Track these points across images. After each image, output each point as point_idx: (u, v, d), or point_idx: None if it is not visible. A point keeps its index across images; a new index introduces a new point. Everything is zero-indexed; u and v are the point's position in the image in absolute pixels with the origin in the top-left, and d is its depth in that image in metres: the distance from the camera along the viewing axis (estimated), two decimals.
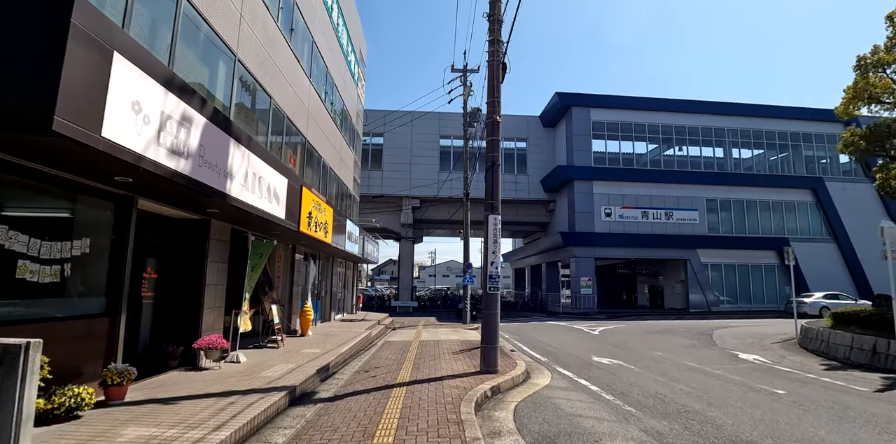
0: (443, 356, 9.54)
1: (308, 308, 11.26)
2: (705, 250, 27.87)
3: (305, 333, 11.26)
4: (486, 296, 7.94)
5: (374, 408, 5.43)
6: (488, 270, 7.91)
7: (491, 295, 7.91)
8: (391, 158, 31.11)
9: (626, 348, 11.82)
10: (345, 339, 11.12)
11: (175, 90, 4.62)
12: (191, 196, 5.55)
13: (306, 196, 9.15)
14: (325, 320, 15.84)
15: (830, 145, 30.98)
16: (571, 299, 27.53)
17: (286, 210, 8.01)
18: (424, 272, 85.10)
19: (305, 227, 9.11)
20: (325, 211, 10.70)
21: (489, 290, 7.89)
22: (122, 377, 4.81)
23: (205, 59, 6.84)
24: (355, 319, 17.60)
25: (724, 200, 29.11)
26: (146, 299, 6.82)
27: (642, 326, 18.20)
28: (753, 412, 5.83)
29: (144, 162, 4.13)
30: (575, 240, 26.92)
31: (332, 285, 16.12)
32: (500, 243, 8.11)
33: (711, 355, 10.81)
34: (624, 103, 29.00)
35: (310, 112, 12.26)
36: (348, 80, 18.27)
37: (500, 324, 8.00)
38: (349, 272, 20.30)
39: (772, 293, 28.61)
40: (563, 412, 5.78)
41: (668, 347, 12.06)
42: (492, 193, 8.12)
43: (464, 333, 14.95)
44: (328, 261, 16.03)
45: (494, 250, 7.97)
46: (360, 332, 12.74)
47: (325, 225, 10.66)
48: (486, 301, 7.94)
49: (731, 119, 30.01)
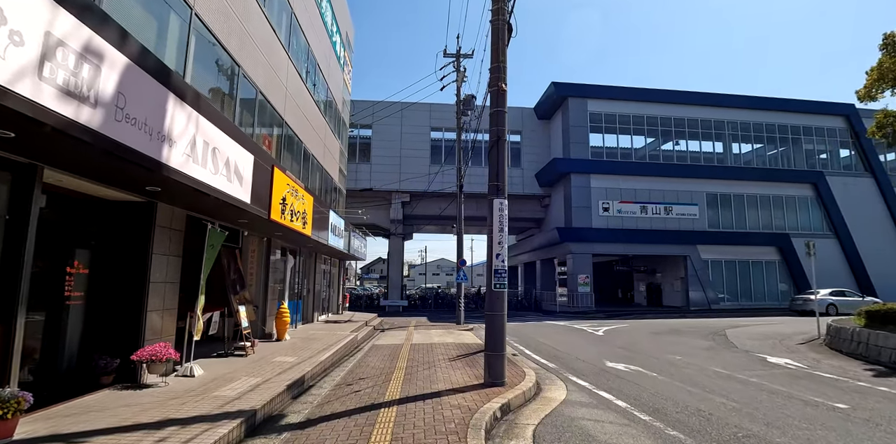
0: (438, 364, 8.31)
1: (284, 309, 9.96)
2: (705, 246, 26.96)
3: (282, 337, 9.96)
4: (491, 295, 6.72)
5: (356, 440, 4.19)
6: (493, 263, 6.69)
7: (496, 293, 6.68)
8: (380, 151, 29.77)
9: (639, 351, 10.69)
10: (326, 344, 9.83)
11: (73, 8, 3.31)
12: (112, 165, 4.25)
13: (279, 179, 7.85)
14: (308, 322, 14.53)
15: (831, 139, 30.32)
16: (568, 298, 26.47)
17: (252, 193, 6.72)
18: (415, 271, 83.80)
19: (278, 215, 7.81)
20: (303, 199, 9.41)
21: (494, 287, 6.66)
22: (6, 408, 3.50)
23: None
24: (341, 320, 16.29)
25: (724, 195, 28.22)
26: (73, 300, 5.48)
27: (647, 325, 17.14)
28: (829, 437, 4.69)
29: (11, 100, 2.83)
30: (572, 236, 25.83)
31: (315, 284, 14.81)
32: (507, 233, 6.89)
33: (736, 358, 9.71)
34: (622, 94, 27.95)
35: (288, 90, 10.94)
36: (333, 63, 16.93)
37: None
38: (335, 270, 18.97)
39: (772, 290, 27.80)
40: (596, 440, 4.58)
41: (685, 349, 10.96)
42: (497, 173, 6.90)
43: (458, 334, 13.73)
44: (310, 257, 14.72)
45: (500, 240, 6.75)
46: (344, 335, 11.46)
47: (303, 215, 9.36)
48: (491, 301, 6.72)
49: (731, 111, 29.13)
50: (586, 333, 14.76)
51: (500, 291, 6.68)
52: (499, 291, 6.67)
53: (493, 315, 6.66)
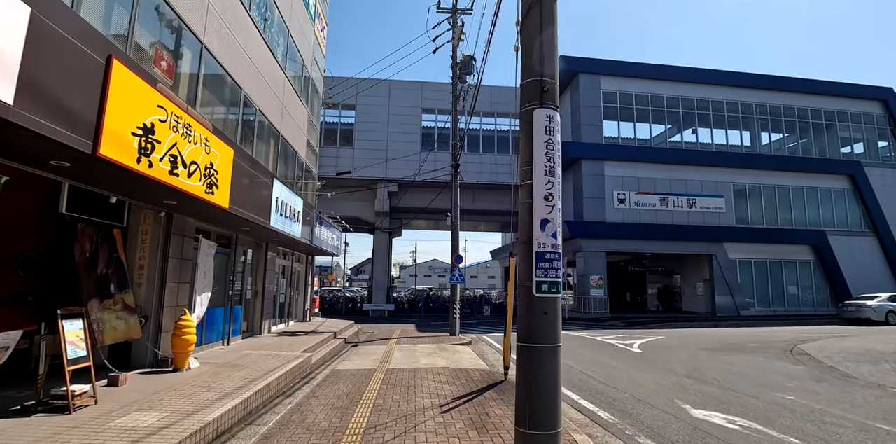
0: (422, 422, 4.83)
1: (186, 322, 6.42)
2: (733, 244, 23.69)
3: (181, 365, 6.41)
4: (530, 305, 3.23)
5: None
6: (534, 240, 3.21)
7: (541, 302, 3.20)
8: (364, 135, 26.24)
9: (717, 383, 7.27)
10: (252, 376, 6.31)
11: None
12: None
13: (129, 86, 4.27)
14: (253, 335, 10.98)
15: (868, 126, 27.22)
16: (577, 302, 23.08)
17: (27, 83, 3.21)
18: (405, 272, 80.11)
19: (123, 151, 4.25)
20: (207, 144, 5.87)
21: (539, 290, 3.19)
22: None
23: None
24: (302, 330, 12.74)
25: (754, 186, 24.97)
26: None
27: (687, 337, 13.75)
28: None
29: None
30: (584, 231, 22.43)
31: (266, 284, 11.27)
32: (560, 176, 3.42)
33: (880, 400, 6.33)
34: (639, 71, 24.61)
35: (209, 2, 7.45)
36: (299, 7, 13.43)
37: (492, 337, 3.29)
38: (300, 267, 15.41)
39: (807, 295, 24.56)
40: None
41: (779, 380, 7.57)
42: (541, 58, 3.42)
43: (453, 352, 10.25)
44: (259, 249, 11.17)
45: (550, 190, 3.28)
46: (292, 356, 7.94)
47: (209, 172, 5.84)
48: (529, 318, 3.23)
49: (757, 92, 25.92)
50: (618, 349, 11.35)
51: (550, 297, 3.20)
52: (547, 297, 3.19)
53: (536, 350, 3.17)
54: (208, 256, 7.58)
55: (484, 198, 26.76)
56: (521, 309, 3.26)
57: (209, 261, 7.64)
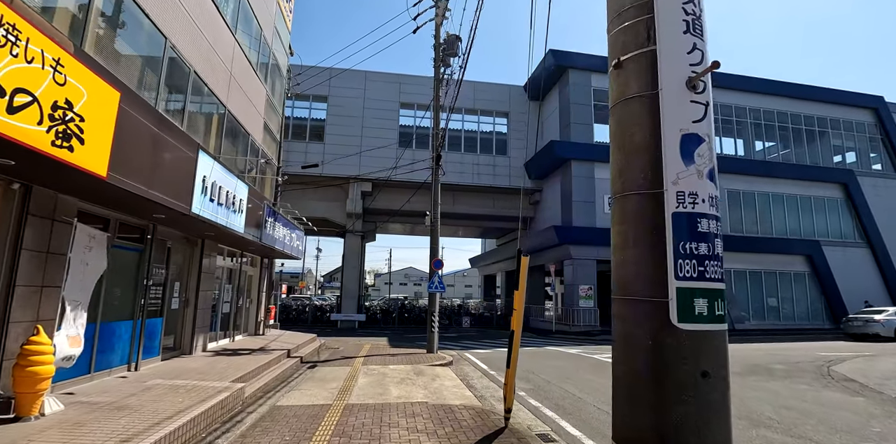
0: None
1: (36, 347, 4.26)
2: (729, 254, 22.21)
3: (26, 411, 4.24)
4: (664, 346, 1.74)
5: None
6: (672, 183, 1.66)
7: (697, 341, 1.58)
8: (337, 130, 24.12)
9: (776, 424, 5.45)
10: (132, 428, 4.17)
11: None
12: None
13: None
14: (182, 354, 8.73)
15: (860, 135, 26.53)
16: (564, 314, 21.29)
17: None
18: (380, 280, 77.40)
19: None
20: (58, 70, 3.80)
21: (686, 309, 1.86)
22: None
23: None
24: (247, 348, 10.51)
25: (748, 193, 23.81)
26: None
27: None
28: None
29: None
30: (572, 237, 20.72)
31: (201, 290, 9.04)
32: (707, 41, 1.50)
33: None
34: None
35: None
36: None
37: (476, 354, 1.37)
38: (252, 271, 13.14)
39: (801, 308, 23.38)
40: None
41: (845, 416, 5.82)
42: None
43: (432, 378, 8.19)
44: (192, 246, 8.95)
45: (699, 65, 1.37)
46: (213, 390, 5.80)
47: (64, 114, 3.75)
48: (660, 394, 1.81)
49: (750, 96, 24.93)
50: None
51: (713, 330, 1.38)
52: (706, 330, 1.35)
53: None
54: (93, 249, 5.41)
55: (464, 201, 24.93)
56: (625, 363, 1.62)
57: (96, 257, 5.47)
